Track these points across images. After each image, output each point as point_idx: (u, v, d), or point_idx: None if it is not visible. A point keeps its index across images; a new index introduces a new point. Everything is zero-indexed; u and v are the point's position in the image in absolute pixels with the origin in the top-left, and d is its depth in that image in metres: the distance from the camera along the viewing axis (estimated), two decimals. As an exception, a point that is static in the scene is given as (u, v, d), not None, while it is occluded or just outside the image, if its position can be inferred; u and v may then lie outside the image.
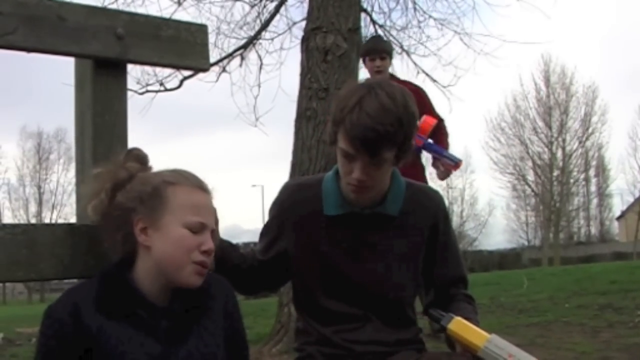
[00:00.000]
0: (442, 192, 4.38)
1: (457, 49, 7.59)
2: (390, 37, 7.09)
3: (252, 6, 7.13)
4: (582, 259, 27.43)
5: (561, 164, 30.56)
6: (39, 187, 33.55)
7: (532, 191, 32.10)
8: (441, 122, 4.18)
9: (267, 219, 1.79)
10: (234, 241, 1.77)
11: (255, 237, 1.97)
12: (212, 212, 1.43)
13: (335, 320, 1.66)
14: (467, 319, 1.54)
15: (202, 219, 1.37)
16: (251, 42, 7.07)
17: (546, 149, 30.60)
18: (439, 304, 1.67)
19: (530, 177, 31.48)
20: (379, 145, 1.51)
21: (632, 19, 53.83)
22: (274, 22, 7.05)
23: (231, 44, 7.11)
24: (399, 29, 7.37)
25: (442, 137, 4.14)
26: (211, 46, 4.87)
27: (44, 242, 1.40)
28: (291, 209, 1.71)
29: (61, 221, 20.43)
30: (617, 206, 37.66)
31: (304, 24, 5.01)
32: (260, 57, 7.11)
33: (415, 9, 7.32)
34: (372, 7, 7.24)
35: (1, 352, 5.74)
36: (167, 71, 6.59)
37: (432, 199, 1.74)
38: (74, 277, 1.46)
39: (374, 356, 1.63)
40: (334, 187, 1.67)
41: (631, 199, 34.92)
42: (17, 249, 1.37)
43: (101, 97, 1.53)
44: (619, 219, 38.60)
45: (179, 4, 6.78)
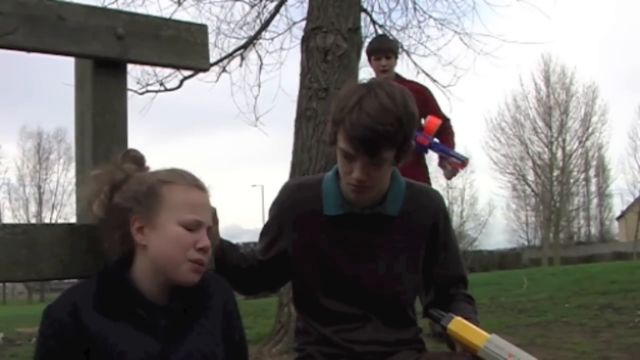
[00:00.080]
0: (442, 192, 4.39)
1: (457, 49, 7.62)
2: (390, 37, 7.09)
3: (252, 6, 7.14)
4: (582, 259, 27.43)
5: (561, 164, 30.57)
6: (39, 187, 33.60)
7: (532, 191, 32.12)
8: (447, 121, 4.17)
9: (267, 219, 1.79)
10: (234, 241, 1.77)
11: (255, 237, 1.98)
12: (208, 210, 1.42)
13: (335, 320, 1.66)
14: (467, 318, 1.54)
15: (197, 216, 1.37)
16: (251, 42, 7.07)
17: (546, 149, 30.63)
18: (439, 304, 1.67)
19: (530, 177, 31.53)
20: (379, 145, 1.51)
21: (632, 19, 53.89)
22: (274, 22, 7.07)
23: (231, 44, 7.13)
24: (399, 29, 7.39)
25: (448, 136, 4.13)
26: (211, 46, 4.87)
27: (44, 242, 1.40)
28: (291, 209, 1.71)
29: (61, 221, 20.43)
30: (617, 206, 37.75)
31: (304, 24, 5.01)
32: (260, 57, 7.12)
33: (415, 9, 7.34)
34: (372, 7, 7.26)
35: (1, 352, 5.74)
36: (167, 71, 6.60)
37: (432, 199, 1.74)
38: (74, 277, 1.46)
39: (374, 356, 1.63)
40: (334, 187, 1.67)
41: (631, 199, 34.99)
42: (17, 249, 1.37)
43: (101, 97, 1.53)
44: (619, 219, 38.60)
45: (179, 4, 6.79)
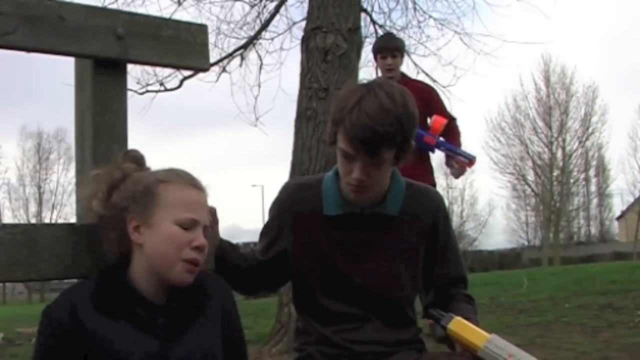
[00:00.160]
0: (442, 192, 4.42)
1: (457, 49, 7.62)
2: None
3: (252, 6, 7.14)
4: (582, 259, 27.42)
5: (561, 164, 30.56)
6: (39, 187, 33.59)
7: (532, 191, 32.11)
8: (452, 121, 4.17)
9: (267, 219, 1.80)
10: (234, 241, 1.77)
11: (255, 237, 1.98)
12: (205, 209, 1.42)
13: (335, 320, 1.66)
14: (467, 318, 1.54)
15: (193, 215, 1.37)
16: (251, 42, 7.07)
17: (546, 149, 30.62)
18: (439, 304, 1.67)
19: (530, 177, 31.52)
20: (379, 145, 1.51)
21: (631, 19, 53.90)
22: (274, 22, 7.06)
23: (231, 44, 7.13)
24: (399, 29, 7.37)
25: (454, 136, 4.12)
26: (211, 46, 4.87)
27: (44, 242, 1.40)
28: (291, 209, 1.71)
29: (61, 221, 20.40)
30: (617, 206, 37.73)
31: (304, 24, 5.02)
32: (260, 57, 7.12)
33: (415, 9, 7.34)
34: (372, 7, 7.26)
35: (1, 352, 5.75)
36: (167, 71, 6.60)
37: (432, 199, 1.74)
38: (74, 277, 1.45)
39: (374, 356, 1.63)
40: (333, 187, 1.67)
41: (631, 199, 34.97)
42: (17, 249, 1.37)
43: (101, 97, 1.53)
44: (619, 219, 38.59)
45: (179, 4, 6.80)
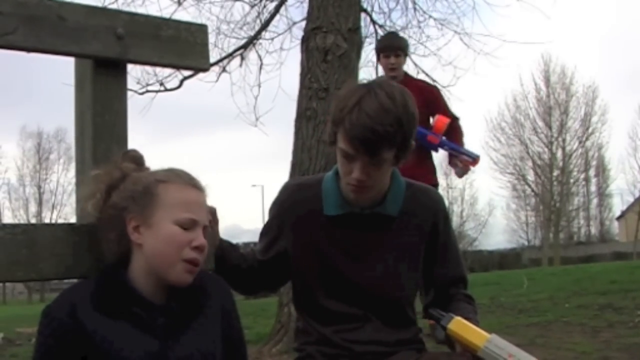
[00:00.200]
0: (442, 192, 4.42)
1: (457, 49, 7.61)
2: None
3: (252, 6, 7.13)
4: (582, 259, 27.41)
5: (561, 164, 30.56)
6: (39, 187, 33.59)
7: (532, 191, 32.10)
8: (455, 121, 4.17)
9: (267, 219, 1.80)
10: (234, 241, 1.77)
11: (255, 237, 1.98)
12: (204, 209, 1.43)
13: (335, 320, 1.66)
14: (467, 318, 1.54)
15: (193, 215, 1.37)
16: (251, 42, 7.06)
17: (546, 149, 30.61)
18: (439, 304, 1.67)
19: (530, 177, 31.52)
20: (379, 145, 1.51)
21: (631, 19, 53.92)
22: (274, 22, 7.06)
23: (231, 44, 7.12)
24: (399, 29, 7.36)
25: (457, 135, 4.13)
26: (211, 46, 4.87)
27: (44, 242, 1.40)
28: (291, 209, 1.71)
29: (61, 221, 20.42)
30: (617, 206, 37.72)
31: (304, 24, 5.01)
32: (260, 57, 7.11)
33: (415, 9, 7.34)
34: (372, 7, 7.26)
35: (1, 352, 5.75)
36: (167, 71, 6.59)
37: (432, 199, 1.74)
38: (74, 277, 1.45)
39: (374, 356, 1.63)
40: (333, 187, 1.67)
41: (631, 199, 34.96)
42: (17, 249, 1.37)
43: (101, 97, 1.53)
44: (619, 219, 38.59)
45: (179, 4, 6.79)
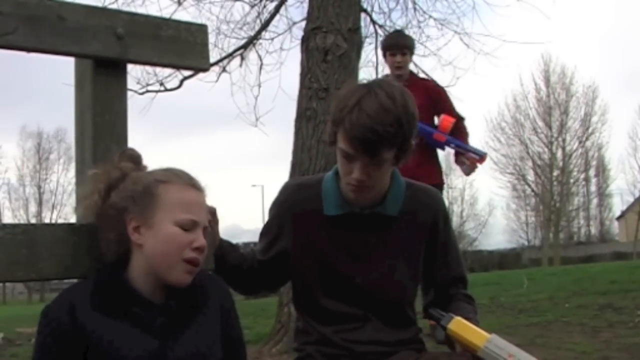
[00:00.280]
0: (442, 192, 4.40)
1: (457, 49, 7.60)
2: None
3: (252, 6, 7.13)
4: (582, 259, 27.41)
5: (561, 164, 30.55)
6: (39, 187, 33.60)
7: (532, 191, 32.10)
8: (460, 121, 4.16)
9: (267, 219, 1.80)
10: (234, 241, 1.77)
11: (255, 237, 1.98)
12: (204, 210, 1.43)
13: (335, 320, 1.66)
14: (467, 318, 1.54)
15: (193, 216, 1.37)
16: (251, 42, 7.06)
17: (546, 149, 30.61)
18: (439, 304, 1.67)
19: (530, 177, 31.51)
20: (379, 145, 1.50)
21: (631, 19, 53.94)
22: (274, 22, 7.05)
23: (231, 44, 7.11)
24: (399, 29, 7.35)
25: (462, 135, 4.13)
26: (211, 46, 4.86)
27: (44, 242, 1.40)
28: (291, 209, 1.71)
29: (61, 221, 20.33)
30: (617, 206, 37.72)
31: (304, 24, 5.01)
32: (260, 57, 7.10)
33: (415, 9, 7.33)
34: (372, 7, 7.25)
35: (1, 352, 5.75)
36: (167, 71, 6.58)
37: (432, 199, 1.74)
38: (74, 277, 1.45)
39: (374, 356, 1.63)
40: (333, 187, 1.67)
41: (631, 199, 34.96)
42: (17, 249, 1.37)
43: (101, 97, 1.53)
44: (619, 219, 38.58)
45: (179, 3, 6.78)
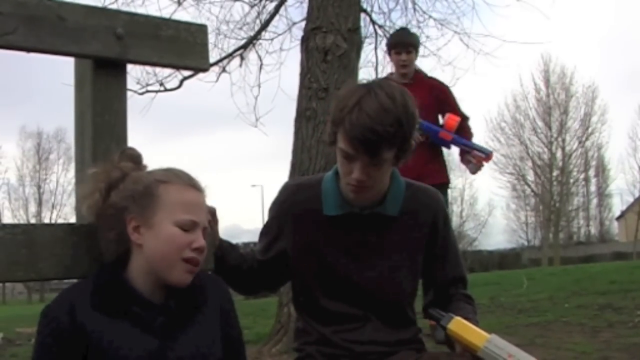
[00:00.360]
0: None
1: (456, 49, 7.60)
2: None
3: (252, 6, 7.12)
4: (582, 259, 27.42)
5: (561, 164, 30.55)
6: (39, 187, 33.59)
7: (532, 191, 32.09)
8: (465, 120, 4.14)
9: (266, 219, 1.80)
10: (234, 241, 1.77)
11: (255, 237, 1.98)
12: (204, 210, 1.43)
13: (334, 320, 1.66)
14: (466, 319, 1.54)
15: (193, 216, 1.37)
16: (251, 42, 7.06)
17: (546, 149, 30.61)
18: (439, 304, 1.67)
19: (530, 177, 31.51)
20: (379, 145, 1.51)
21: (631, 19, 53.95)
22: (274, 22, 7.05)
23: (231, 44, 7.11)
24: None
25: (467, 135, 4.11)
26: (211, 46, 4.86)
27: (43, 242, 1.40)
28: (291, 209, 1.71)
29: (61, 221, 20.42)
30: (617, 206, 37.70)
31: (303, 24, 5.01)
32: (260, 57, 7.10)
33: (415, 9, 7.32)
34: (372, 7, 7.24)
35: (1, 352, 5.75)
36: (167, 71, 6.58)
37: (432, 199, 1.74)
38: (74, 277, 1.45)
39: (374, 356, 1.63)
40: (333, 187, 1.67)
41: (631, 199, 34.95)
42: (17, 249, 1.37)
43: (101, 97, 1.53)
44: (618, 219, 38.58)
45: (179, 4, 6.78)
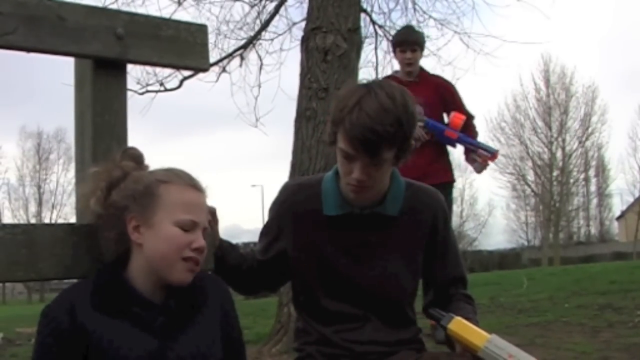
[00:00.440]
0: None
1: (457, 49, 7.60)
2: (389, 38, 7.08)
3: (252, 6, 7.12)
4: (582, 259, 27.41)
5: (561, 164, 30.55)
6: (39, 187, 33.59)
7: (532, 191, 32.09)
8: (470, 119, 4.11)
9: (266, 219, 1.80)
10: (234, 241, 1.77)
11: (255, 237, 1.98)
12: (205, 210, 1.43)
13: (335, 320, 1.66)
14: (466, 318, 1.54)
15: (193, 217, 1.37)
16: (251, 42, 7.06)
17: (546, 149, 30.60)
18: (439, 304, 1.67)
19: (530, 177, 31.49)
20: (379, 145, 1.51)
21: (630, 19, 53.97)
22: (274, 22, 7.05)
23: (231, 44, 7.11)
24: (398, 29, 7.35)
25: (471, 134, 4.08)
26: (211, 46, 4.86)
27: (43, 242, 1.40)
28: (291, 209, 1.71)
29: (61, 221, 20.43)
30: (617, 206, 37.69)
31: (303, 25, 5.01)
32: (260, 57, 7.10)
33: (415, 9, 7.31)
34: (372, 7, 7.23)
35: (1, 352, 5.75)
36: (167, 71, 6.58)
37: (432, 199, 1.74)
38: (73, 277, 1.45)
39: (374, 356, 1.63)
40: (333, 187, 1.67)
41: (631, 199, 34.95)
42: (17, 249, 1.37)
43: (101, 97, 1.53)
44: (618, 219, 38.57)
45: (179, 4, 6.78)
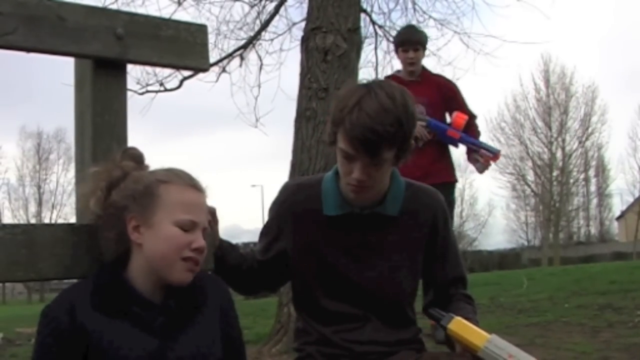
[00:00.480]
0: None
1: (456, 49, 7.59)
2: (389, 38, 7.08)
3: (252, 6, 7.12)
4: (581, 259, 27.42)
5: (561, 164, 30.55)
6: (39, 187, 33.60)
7: (532, 191, 32.09)
8: (472, 119, 4.09)
9: (266, 219, 1.80)
10: (234, 241, 1.77)
11: (255, 237, 1.98)
12: (205, 210, 1.43)
13: (334, 320, 1.66)
14: (466, 319, 1.54)
15: (193, 217, 1.38)
16: (251, 42, 7.06)
17: (546, 149, 30.61)
18: (438, 304, 1.67)
19: (530, 177, 31.50)
20: (379, 145, 1.51)
21: (631, 19, 54.00)
22: (274, 22, 7.04)
23: (231, 44, 7.11)
24: (398, 29, 7.35)
25: (474, 134, 4.07)
26: (211, 46, 4.85)
27: (43, 242, 1.40)
28: (291, 209, 1.71)
29: (61, 221, 20.45)
30: (617, 206, 37.70)
31: (303, 25, 5.00)
32: (260, 57, 7.10)
33: (415, 9, 7.31)
34: (372, 7, 7.23)
35: (1, 352, 5.74)
36: (167, 71, 6.58)
37: (432, 199, 1.74)
38: (73, 277, 1.45)
39: (374, 356, 1.63)
40: (333, 187, 1.67)
41: (631, 199, 34.95)
42: (17, 249, 1.37)
43: (101, 97, 1.53)
44: (618, 219, 38.57)
45: (179, 4, 6.78)
